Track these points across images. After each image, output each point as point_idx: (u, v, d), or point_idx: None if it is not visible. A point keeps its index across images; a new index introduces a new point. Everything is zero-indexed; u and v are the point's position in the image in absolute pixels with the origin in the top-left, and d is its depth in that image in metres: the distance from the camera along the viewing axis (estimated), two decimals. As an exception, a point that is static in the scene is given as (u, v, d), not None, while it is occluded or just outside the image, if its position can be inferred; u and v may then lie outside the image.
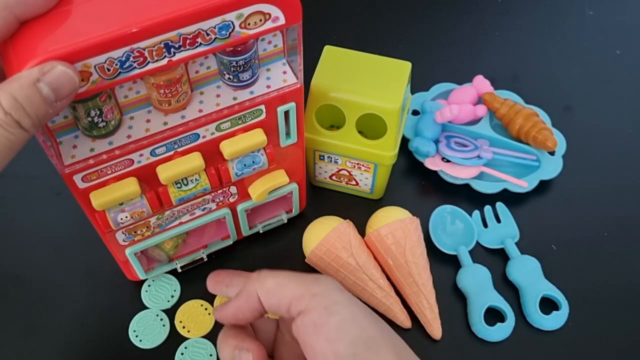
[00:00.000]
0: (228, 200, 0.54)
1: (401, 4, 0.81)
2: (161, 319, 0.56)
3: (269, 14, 0.40)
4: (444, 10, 0.81)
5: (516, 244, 0.60)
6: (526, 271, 0.58)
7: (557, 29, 0.78)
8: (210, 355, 0.54)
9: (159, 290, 0.58)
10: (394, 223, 0.56)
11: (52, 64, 0.34)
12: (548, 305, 0.57)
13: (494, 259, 0.60)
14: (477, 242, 0.61)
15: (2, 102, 0.34)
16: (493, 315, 0.56)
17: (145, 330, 0.55)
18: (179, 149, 0.46)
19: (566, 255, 0.60)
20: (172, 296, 0.57)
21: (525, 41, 0.77)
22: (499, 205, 0.62)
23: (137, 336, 0.55)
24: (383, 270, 0.57)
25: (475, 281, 0.57)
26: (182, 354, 0.55)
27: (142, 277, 0.54)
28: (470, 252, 0.59)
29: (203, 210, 0.53)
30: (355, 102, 0.54)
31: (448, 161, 0.63)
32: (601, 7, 0.80)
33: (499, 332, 0.55)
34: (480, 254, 0.60)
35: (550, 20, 0.79)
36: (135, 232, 0.50)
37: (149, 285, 0.58)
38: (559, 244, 0.61)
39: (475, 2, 0.81)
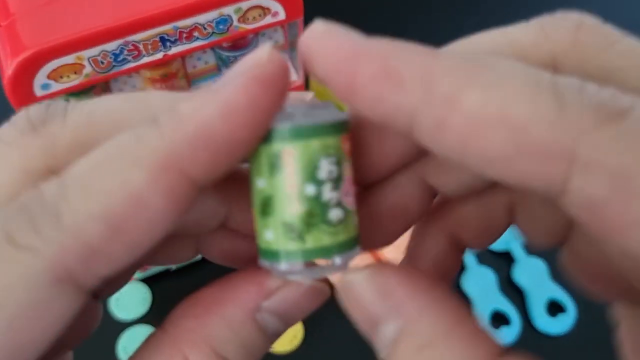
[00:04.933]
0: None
1: (402, 1, 0.80)
2: None
3: (269, 9, 0.40)
4: (446, 8, 0.80)
5: (522, 245, 0.59)
6: (532, 273, 0.57)
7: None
8: None
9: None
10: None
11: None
12: (555, 308, 0.56)
13: (499, 261, 0.59)
14: (482, 244, 0.60)
15: None
16: (498, 319, 0.55)
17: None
18: (177, 146, 0.45)
19: (573, 258, 0.59)
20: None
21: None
22: (505, 207, 0.61)
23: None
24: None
25: (480, 284, 0.56)
26: None
27: (138, 276, 0.54)
28: (474, 254, 0.58)
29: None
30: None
31: (453, 161, 0.62)
32: (603, 7, 0.79)
33: (504, 336, 0.54)
34: (485, 256, 0.59)
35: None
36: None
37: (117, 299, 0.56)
38: (566, 247, 0.60)
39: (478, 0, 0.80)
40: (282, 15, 0.40)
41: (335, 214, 0.16)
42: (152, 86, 0.43)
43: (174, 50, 0.38)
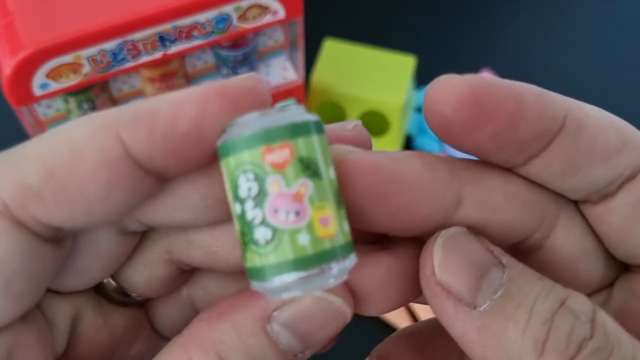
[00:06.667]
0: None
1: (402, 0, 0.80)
2: None
3: (268, 8, 0.39)
4: (451, 2, 0.79)
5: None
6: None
7: (569, 25, 0.77)
8: None
9: None
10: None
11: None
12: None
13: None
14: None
15: None
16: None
17: None
18: (176, 145, 0.45)
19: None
20: None
21: (535, 36, 0.76)
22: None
23: None
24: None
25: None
26: None
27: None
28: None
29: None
30: (356, 98, 0.53)
31: (453, 160, 0.62)
32: (610, 6, 0.79)
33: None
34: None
35: (563, 16, 0.78)
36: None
37: None
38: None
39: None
40: (281, 14, 0.40)
41: (261, 233, 0.14)
42: (151, 85, 0.43)
43: (174, 49, 0.38)
